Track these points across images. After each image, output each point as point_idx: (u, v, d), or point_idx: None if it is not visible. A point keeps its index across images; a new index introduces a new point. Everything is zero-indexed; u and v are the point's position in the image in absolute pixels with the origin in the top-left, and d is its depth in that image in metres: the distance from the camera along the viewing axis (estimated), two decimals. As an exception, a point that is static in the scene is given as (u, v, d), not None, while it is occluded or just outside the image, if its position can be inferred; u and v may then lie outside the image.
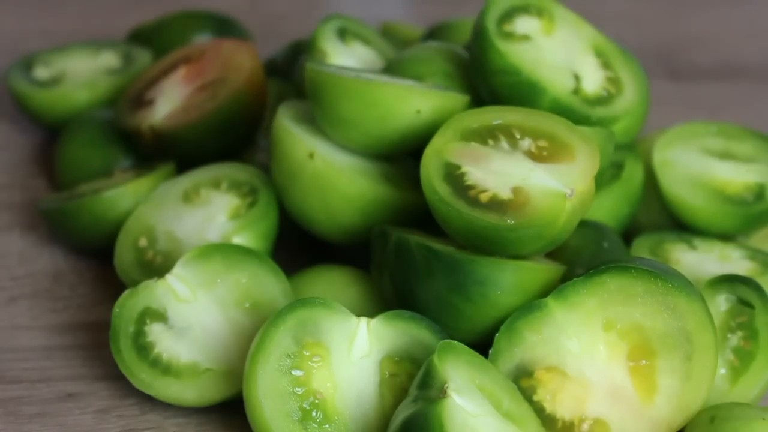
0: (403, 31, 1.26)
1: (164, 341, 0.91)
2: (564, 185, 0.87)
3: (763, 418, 0.83)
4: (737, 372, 0.90)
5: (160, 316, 0.91)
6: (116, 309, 0.91)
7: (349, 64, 1.05)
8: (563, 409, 0.86)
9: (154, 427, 0.91)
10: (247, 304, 0.92)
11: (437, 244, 0.89)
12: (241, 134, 1.07)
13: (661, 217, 1.04)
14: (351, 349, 0.87)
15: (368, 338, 0.87)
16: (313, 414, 0.84)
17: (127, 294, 0.92)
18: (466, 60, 1.00)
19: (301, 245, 1.04)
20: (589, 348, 0.87)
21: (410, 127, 0.94)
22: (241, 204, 0.99)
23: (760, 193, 1.02)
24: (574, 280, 0.87)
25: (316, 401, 0.85)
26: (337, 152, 0.96)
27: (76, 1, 1.44)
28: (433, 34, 1.19)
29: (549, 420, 0.86)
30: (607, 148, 0.94)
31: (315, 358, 0.85)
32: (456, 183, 0.89)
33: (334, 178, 0.95)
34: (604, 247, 0.95)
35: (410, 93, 0.93)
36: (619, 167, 1.01)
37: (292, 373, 0.85)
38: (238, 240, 0.96)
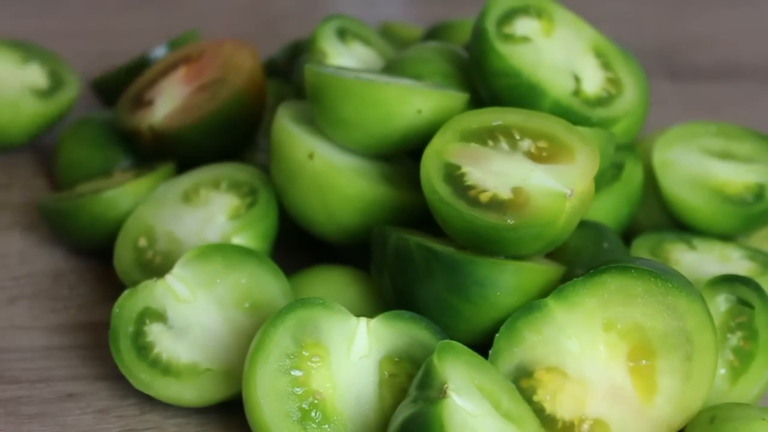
0: (402, 31, 1.26)
1: (164, 341, 0.91)
2: (564, 185, 0.87)
3: (763, 419, 0.83)
4: (737, 372, 0.90)
5: (160, 317, 0.91)
6: (116, 309, 0.91)
7: (349, 65, 1.04)
8: (563, 409, 0.86)
9: (154, 427, 0.91)
10: (247, 305, 0.92)
11: (437, 245, 0.89)
12: (241, 134, 1.07)
13: (660, 217, 1.04)
14: (350, 350, 0.87)
15: (368, 338, 0.87)
16: (313, 414, 0.84)
17: (127, 294, 0.92)
18: (465, 60, 1.00)
19: (301, 245, 1.04)
20: (590, 348, 0.87)
21: (411, 127, 0.94)
22: (240, 204, 0.99)
23: (759, 193, 1.02)
24: (575, 280, 0.87)
25: (316, 401, 0.85)
26: (337, 152, 0.96)
27: (76, 1, 1.44)
28: (433, 34, 1.19)
29: (549, 420, 0.86)
30: (607, 150, 0.94)
31: (314, 359, 0.85)
32: (456, 183, 0.89)
33: (333, 178, 0.95)
34: (604, 247, 0.95)
35: (411, 93, 0.93)
36: (619, 168, 1.01)
37: (292, 373, 0.85)
38: (238, 240, 0.96)
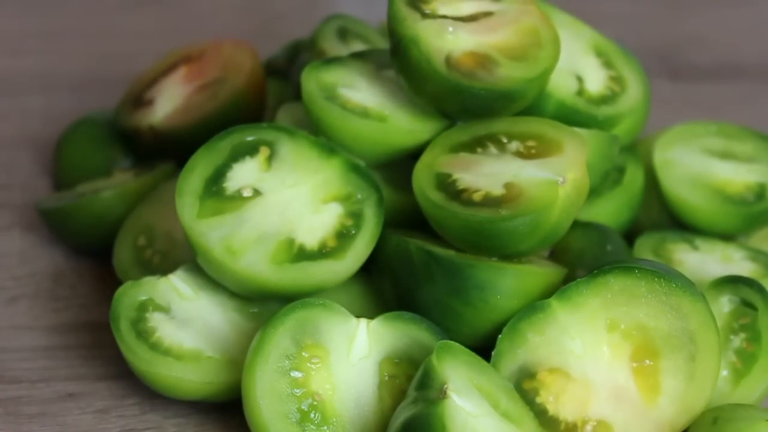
0: (403, 31, 1.25)
1: (166, 328, 0.90)
2: (555, 174, 0.87)
3: (767, 420, 0.83)
4: (739, 374, 0.90)
5: (162, 308, 0.91)
6: (116, 296, 0.90)
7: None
8: (566, 410, 0.86)
9: (154, 427, 0.91)
10: (253, 310, 0.92)
11: (437, 248, 0.89)
12: (241, 134, 1.07)
13: (660, 217, 1.04)
14: (350, 351, 0.86)
15: (368, 340, 0.87)
16: (312, 415, 0.84)
17: (129, 284, 0.91)
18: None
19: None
20: (593, 349, 0.87)
21: (415, 148, 0.94)
22: (240, 204, 0.99)
23: (760, 192, 1.02)
24: (578, 280, 0.87)
25: (315, 403, 0.85)
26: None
27: (76, 1, 1.44)
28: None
29: (552, 422, 0.86)
30: (611, 151, 0.95)
31: (314, 360, 0.85)
32: (448, 189, 0.90)
33: (333, 180, 0.95)
34: (607, 250, 0.95)
35: (417, 132, 0.93)
36: (620, 171, 1.01)
37: (291, 374, 0.85)
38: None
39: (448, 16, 0.94)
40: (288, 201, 0.91)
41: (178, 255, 0.96)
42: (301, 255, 0.89)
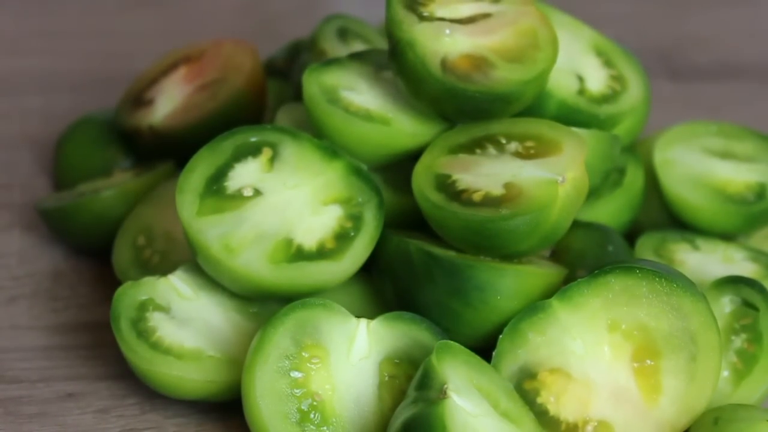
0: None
1: (166, 328, 0.90)
2: (554, 173, 0.87)
3: (767, 420, 0.83)
4: (740, 375, 0.90)
5: (162, 308, 0.91)
6: (116, 296, 0.90)
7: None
8: (567, 411, 0.86)
9: (154, 427, 0.91)
10: (253, 310, 0.92)
11: (437, 249, 0.89)
12: (241, 134, 1.07)
13: (661, 217, 1.04)
14: (350, 351, 0.86)
15: (368, 340, 0.87)
16: (312, 416, 0.84)
17: (128, 284, 0.91)
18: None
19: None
20: (594, 349, 0.87)
21: (417, 150, 0.94)
22: (239, 204, 0.99)
23: (760, 192, 1.02)
24: (579, 280, 0.87)
25: (315, 403, 0.85)
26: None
27: (76, 1, 1.44)
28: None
29: (553, 422, 0.86)
30: (612, 152, 0.95)
31: (314, 360, 0.85)
32: (448, 190, 0.90)
33: (333, 181, 0.95)
34: (608, 250, 0.95)
35: (420, 134, 0.93)
36: (620, 173, 1.01)
37: (291, 374, 0.85)
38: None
39: (445, 18, 0.94)
40: (288, 202, 0.91)
41: (178, 255, 0.96)
42: (299, 255, 0.89)
